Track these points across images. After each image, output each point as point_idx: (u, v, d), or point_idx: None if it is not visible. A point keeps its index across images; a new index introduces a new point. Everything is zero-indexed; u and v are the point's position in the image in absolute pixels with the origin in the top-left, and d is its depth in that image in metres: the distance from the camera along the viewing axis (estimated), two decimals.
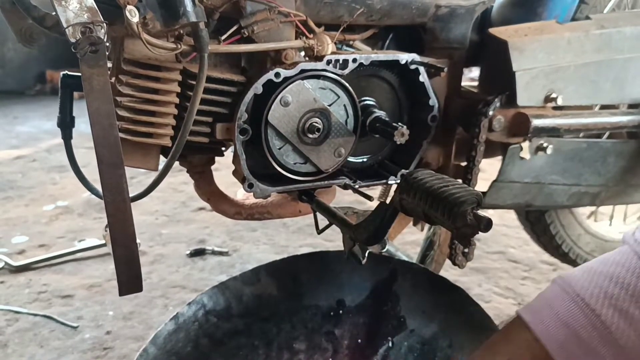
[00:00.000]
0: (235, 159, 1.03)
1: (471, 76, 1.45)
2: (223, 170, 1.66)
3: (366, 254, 1.02)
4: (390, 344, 1.26)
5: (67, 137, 1.03)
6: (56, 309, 1.80)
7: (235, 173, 1.09)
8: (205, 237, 2.38)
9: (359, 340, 1.29)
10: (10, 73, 6.70)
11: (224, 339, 1.30)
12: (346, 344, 1.30)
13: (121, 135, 0.90)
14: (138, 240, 2.09)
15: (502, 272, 2.09)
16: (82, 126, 1.04)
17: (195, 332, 1.28)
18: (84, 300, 1.86)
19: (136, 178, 2.90)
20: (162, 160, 0.99)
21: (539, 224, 1.82)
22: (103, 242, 2.24)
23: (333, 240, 2.29)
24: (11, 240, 2.37)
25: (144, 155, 1.01)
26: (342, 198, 1.62)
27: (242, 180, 1.04)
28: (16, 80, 6.73)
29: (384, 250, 1.00)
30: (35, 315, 1.76)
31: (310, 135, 1.01)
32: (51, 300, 1.86)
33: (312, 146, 1.03)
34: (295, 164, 1.04)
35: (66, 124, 1.02)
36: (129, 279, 0.79)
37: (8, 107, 5.79)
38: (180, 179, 3.10)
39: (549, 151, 1.18)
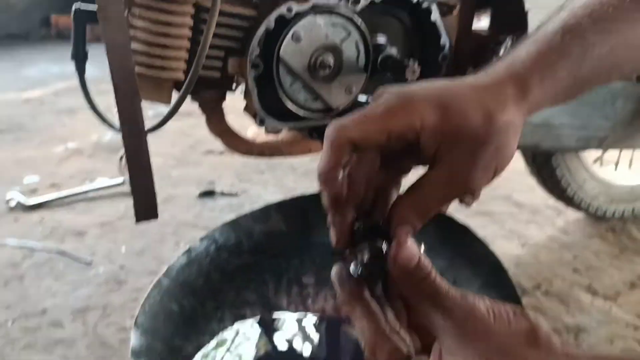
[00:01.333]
0: (247, 94, 1.04)
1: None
2: (231, 114, 1.67)
3: None
4: None
5: (80, 70, 1.04)
6: (70, 245, 1.84)
7: (246, 109, 1.10)
8: (214, 179, 2.41)
9: None
10: (15, 17, 6.63)
11: (234, 273, 1.33)
12: None
13: (135, 68, 0.91)
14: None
15: (508, 215, 2.12)
16: (90, 70, 1.05)
17: (207, 266, 1.31)
18: (97, 237, 1.90)
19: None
20: (175, 96, 1.00)
21: (545, 167, 1.83)
22: (113, 182, 2.27)
23: None
24: (23, 180, 2.40)
25: (158, 89, 1.02)
26: None
27: (254, 115, 1.05)
28: (20, 24, 6.67)
29: None
30: (50, 251, 1.80)
31: (322, 72, 1.01)
32: (64, 237, 1.90)
33: (323, 83, 1.03)
34: (306, 100, 1.05)
35: (80, 57, 1.03)
36: (146, 207, 0.82)
37: (14, 51, 5.76)
38: (189, 122, 3.11)
39: None
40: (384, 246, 0.50)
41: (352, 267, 0.51)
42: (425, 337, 0.52)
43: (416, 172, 0.54)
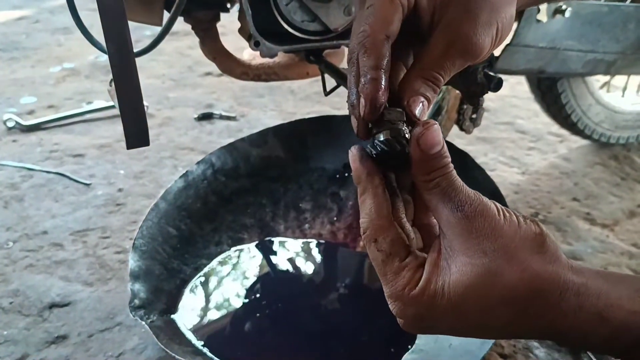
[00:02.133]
0: (241, 15, 1.01)
1: None
2: (229, 35, 1.62)
3: None
4: None
5: None
6: (68, 167, 1.84)
7: (241, 31, 1.06)
8: (212, 102, 2.38)
9: None
10: None
11: (232, 197, 1.34)
12: (351, 205, 1.34)
13: None
14: (146, 103, 2.10)
15: (509, 142, 2.10)
16: None
17: (204, 189, 1.32)
18: (95, 159, 1.89)
19: (141, 41, 2.84)
20: (166, 17, 0.97)
21: (550, 92, 1.80)
22: (111, 103, 2.24)
23: (340, 108, 2.29)
24: (20, 101, 2.38)
25: (147, 9, 0.99)
26: None
27: (249, 37, 1.02)
28: None
29: None
30: (49, 172, 1.80)
31: None
32: (63, 159, 1.89)
33: (321, 3, 0.99)
34: (303, 21, 1.02)
35: None
36: (136, 133, 0.80)
37: None
38: (186, 42, 3.05)
39: (567, 14, 1.14)
40: (405, 129, 0.49)
41: (369, 147, 0.50)
42: (427, 238, 0.52)
43: None
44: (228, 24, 1.33)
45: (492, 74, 0.71)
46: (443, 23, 0.50)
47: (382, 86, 0.48)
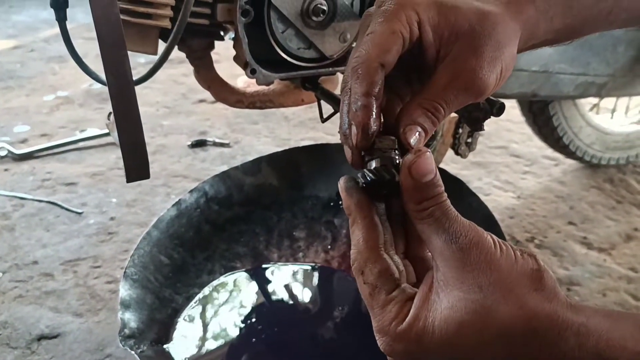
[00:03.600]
0: (237, 43, 1.00)
1: None
2: (223, 62, 1.62)
3: None
4: None
5: (61, 18, 0.99)
6: (61, 196, 1.82)
7: (236, 59, 1.06)
8: (206, 129, 2.37)
9: None
10: None
11: (225, 225, 1.32)
12: (345, 233, 1.32)
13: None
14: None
15: (504, 166, 2.10)
16: (80, 16, 1.00)
17: (197, 218, 1.30)
18: (88, 188, 1.88)
19: (136, 69, 2.84)
20: (162, 46, 0.96)
21: (541, 115, 1.81)
22: (105, 131, 2.23)
23: (335, 135, 2.28)
24: (13, 129, 2.36)
25: (143, 38, 0.98)
26: None
27: (245, 65, 1.01)
28: None
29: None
30: (40, 201, 1.78)
31: (315, 18, 0.97)
32: (55, 188, 1.88)
33: (317, 30, 0.99)
34: (299, 49, 1.01)
35: (59, 4, 0.98)
36: (136, 165, 0.79)
37: None
38: (180, 70, 3.05)
39: None
40: (397, 157, 0.47)
41: (359, 176, 0.49)
42: (421, 272, 0.50)
43: None
44: (222, 51, 1.33)
45: (494, 98, 0.70)
46: (449, 57, 0.49)
47: (374, 113, 0.47)
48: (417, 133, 0.48)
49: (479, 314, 0.42)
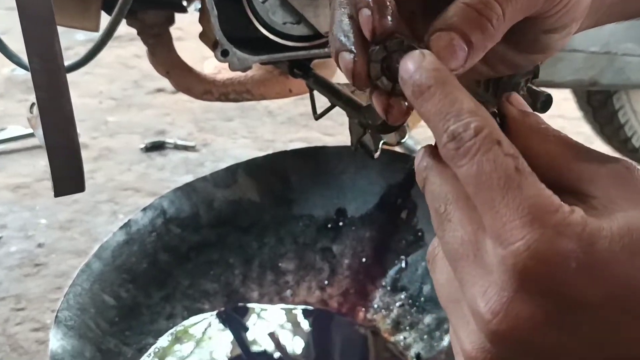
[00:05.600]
0: (204, 16, 1.01)
1: None
2: (188, 40, 1.63)
3: (380, 145, 1.01)
4: (403, 264, 1.29)
5: None
6: None
7: (203, 36, 1.07)
8: (165, 128, 2.38)
9: (364, 259, 1.32)
10: None
11: (189, 254, 1.33)
12: (347, 264, 1.33)
13: None
14: (78, 131, 2.10)
15: None
16: None
17: (152, 244, 1.30)
18: (9, 205, 1.88)
19: (73, 49, 2.86)
20: (105, 20, 0.97)
21: (603, 109, 1.82)
22: (30, 131, 2.24)
23: (333, 134, 2.30)
24: None
25: (82, 10, 1.00)
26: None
27: (214, 45, 1.02)
28: None
29: (403, 141, 0.99)
30: None
31: None
32: None
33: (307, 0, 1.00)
34: (285, 24, 1.02)
35: None
36: (68, 174, 0.79)
37: None
38: (131, 50, 3.06)
39: None
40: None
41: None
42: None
43: None
44: (185, 26, 1.34)
45: (537, 89, 0.71)
46: None
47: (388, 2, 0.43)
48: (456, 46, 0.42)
49: None
